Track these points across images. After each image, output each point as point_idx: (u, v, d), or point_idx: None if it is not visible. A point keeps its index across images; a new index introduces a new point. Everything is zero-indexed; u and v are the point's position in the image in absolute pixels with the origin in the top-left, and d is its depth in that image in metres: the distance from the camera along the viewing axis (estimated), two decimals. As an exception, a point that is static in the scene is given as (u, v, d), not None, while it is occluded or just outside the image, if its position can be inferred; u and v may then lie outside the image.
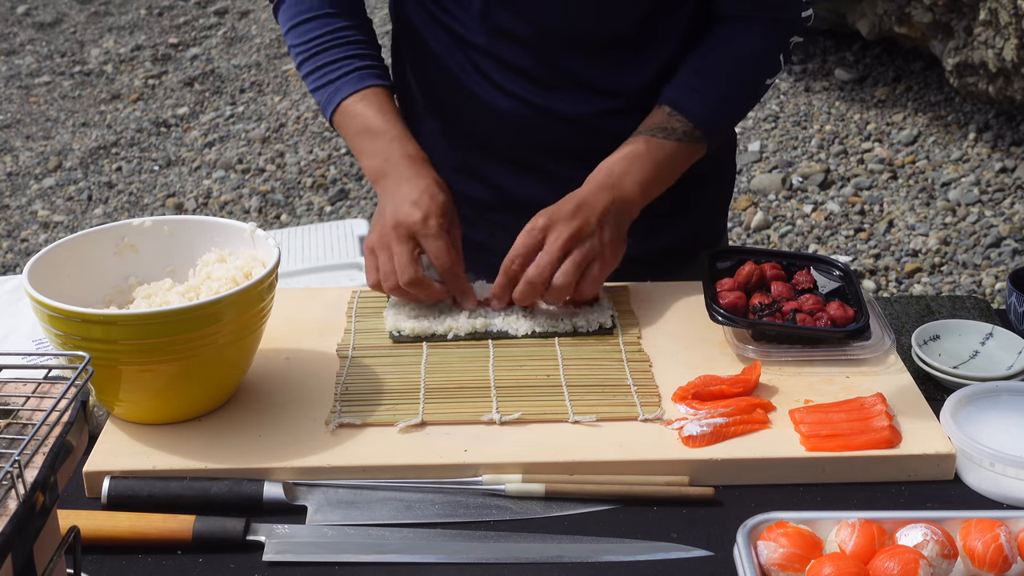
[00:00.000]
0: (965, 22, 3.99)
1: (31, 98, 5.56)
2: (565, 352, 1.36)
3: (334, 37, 1.53)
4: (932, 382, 1.33)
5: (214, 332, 1.17)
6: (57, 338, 1.16)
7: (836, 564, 0.99)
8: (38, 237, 4.31)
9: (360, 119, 1.49)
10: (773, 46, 1.50)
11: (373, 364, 1.34)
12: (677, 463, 1.17)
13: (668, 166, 1.48)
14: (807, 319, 1.35)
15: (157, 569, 1.07)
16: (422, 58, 1.60)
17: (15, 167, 4.87)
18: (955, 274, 3.66)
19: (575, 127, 1.54)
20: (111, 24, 6.37)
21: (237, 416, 1.24)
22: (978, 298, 1.55)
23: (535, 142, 1.56)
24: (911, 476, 1.18)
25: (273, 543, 1.09)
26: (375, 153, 1.47)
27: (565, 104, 1.53)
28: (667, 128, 1.47)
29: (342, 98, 1.50)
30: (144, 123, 5.16)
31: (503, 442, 1.20)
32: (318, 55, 1.53)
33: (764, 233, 3.96)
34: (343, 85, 1.51)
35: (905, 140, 4.41)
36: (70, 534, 0.88)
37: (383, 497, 1.15)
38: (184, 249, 1.34)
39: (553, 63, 1.51)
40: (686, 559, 1.08)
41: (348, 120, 1.51)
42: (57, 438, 0.82)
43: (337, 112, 1.51)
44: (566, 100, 1.53)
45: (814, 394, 1.28)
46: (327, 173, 4.58)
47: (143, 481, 1.14)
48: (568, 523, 1.13)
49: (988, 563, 1.02)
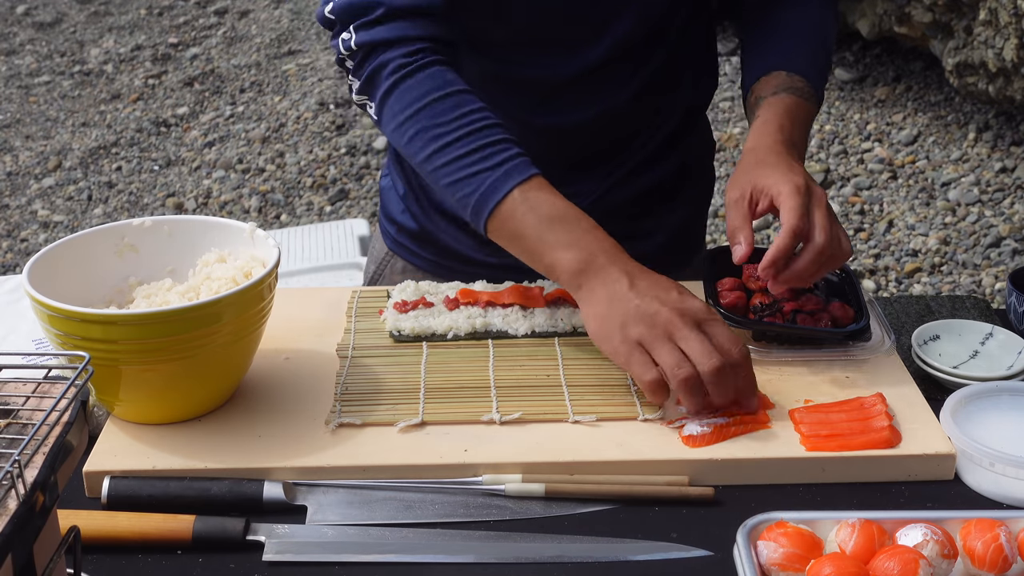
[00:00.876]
0: (965, 22, 4.00)
1: (31, 98, 5.56)
2: (565, 352, 1.36)
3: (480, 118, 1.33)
4: (932, 382, 1.33)
5: (214, 332, 1.17)
6: (57, 338, 1.16)
7: (836, 564, 0.99)
8: (38, 237, 4.31)
9: (547, 206, 1.29)
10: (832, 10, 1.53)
11: (373, 364, 1.34)
12: (677, 463, 1.17)
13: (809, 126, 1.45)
14: (807, 319, 1.35)
15: (157, 569, 1.07)
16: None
17: (15, 167, 4.87)
18: (955, 274, 3.66)
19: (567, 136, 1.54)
20: (111, 24, 6.37)
21: (237, 416, 1.24)
22: (978, 298, 1.55)
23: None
24: (911, 476, 1.18)
25: (273, 543, 1.09)
26: (573, 244, 1.28)
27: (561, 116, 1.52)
28: (795, 87, 1.44)
29: (514, 185, 1.29)
30: (144, 123, 5.16)
31: (503, 442, 1.20)
32: (465, 139, 1.31)
33: (764, 233, 3.96)
34: (512, 171, 1.30)
35: (905, 140, 4.41)
36: (70, 534, 0.88)
37: (383, 497, 1.15)
38: (184, 249, 1.34)
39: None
40: (686, 559, 1.08)
41: (528, 208, 1.29)
42: (57, 438, 0.82)
43: (507, 201, 1.29)
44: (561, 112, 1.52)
45: (814, 394, 1.28)
46: (327, 173, 4.58)
47: (143, 481, 1.14)
48: (568, 523, 1.13)
49: (988, 563, 1.02)
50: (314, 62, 5.64)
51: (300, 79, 5.43)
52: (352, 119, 5.01)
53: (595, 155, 1.57)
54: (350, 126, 4.96)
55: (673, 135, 1.60)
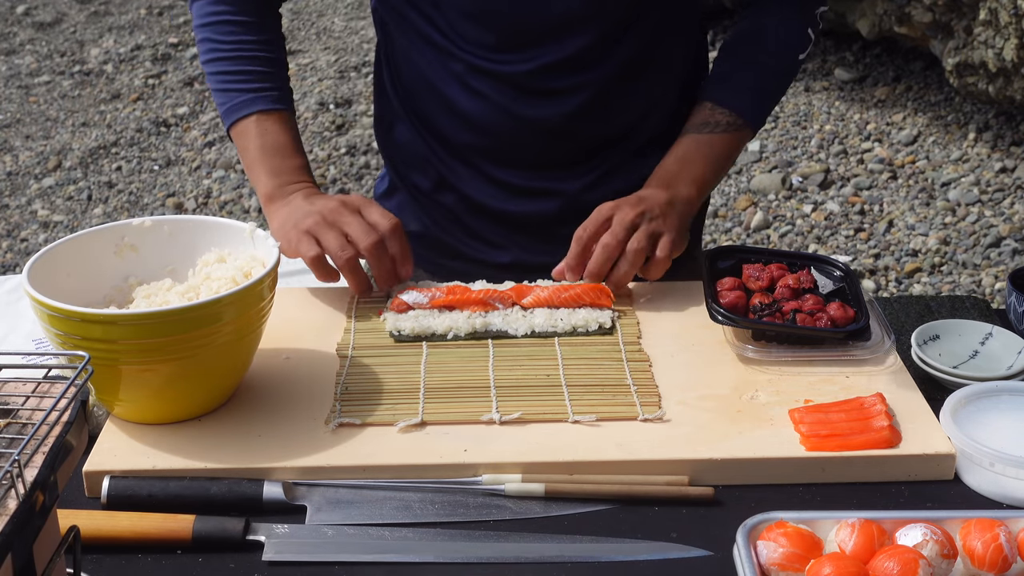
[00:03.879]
0: (965, 22, 3.99)
1: (31, 98, 5.56)
2: (565, 352, 1.36)
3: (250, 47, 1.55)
4: (932, 382, 1.33)
5: (214, 332, 1.17)
6: (57, 338, 1.16)
7: (836, 564, 0.99)
8: (38, 237, 4.31)
9: (271, 136, 1.52)
10: (799, 20, 1.57)
11: (373, 364, 1.34)
12: (677, 463, 1.17)
13: (719, 159, 1.55)
14: (807, 319, 1.35)
15: (157, 569, 1.07)
16: (398, 63, 1.62)
17: (15, 167, 4.87)
18: (955, 274, 3.66)
19: (548, 134, 1.56)
20: (111, 24, 6.37)
21: (237, 416, 1.24)
22: (978, 298, 1.55)
23: (508, 150, 1.58)
24: (911, 476, 1.18)
25: (273, 543, 1.09)
26: (275, 173, 1.51)
27: (537, 110, 1.55)
28: (711, 123, 1.53)
29: (253, 111, 1.53)
30: (144, 123, 5.16)
31: (503, 442, 1.20)
32: (230, 60, 1.55)
33: (764, 233, 3.96)
34: (257, 99, 1.53)
35: (905, 140, 4.41)
36: (70, 534, 0.88)
37: (383, 497, 1.15)
38: (184, 249, 1.34)
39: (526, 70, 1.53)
40: (686, 559, 1.08)
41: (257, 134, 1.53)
42: (57, 438, 0.82)
43: (247, 120, 1.53)
44: (538, 106, 1.55)
45: (814, 394, 1.28)
46: (327, 173, 4.58)
47: (143, 481, 1.14)
48: (568, 523, 1.13)
49: (988, 563, 1.02)
50: (314, 62, 5.65)
51: (300, 79, 5.43)
52: (352, 119, 5.01)
53: (580, 151, 1.60)
54: (350, 126, 4.96)
55: (660, 135, 1.61)
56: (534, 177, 1.60)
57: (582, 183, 1.60)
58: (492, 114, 1.55)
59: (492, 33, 1.51)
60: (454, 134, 1.60)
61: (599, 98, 1.55)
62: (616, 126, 1.59)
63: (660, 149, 1.59)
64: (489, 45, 1.51)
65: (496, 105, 1.54)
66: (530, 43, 1.51)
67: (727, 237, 3.96)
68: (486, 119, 1.56)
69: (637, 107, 1.59)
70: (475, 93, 1.55)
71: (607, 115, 1.57)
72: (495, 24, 1.50)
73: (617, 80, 1.55)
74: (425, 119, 1.61)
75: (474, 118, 1.56)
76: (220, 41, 1.55)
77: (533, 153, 1.59)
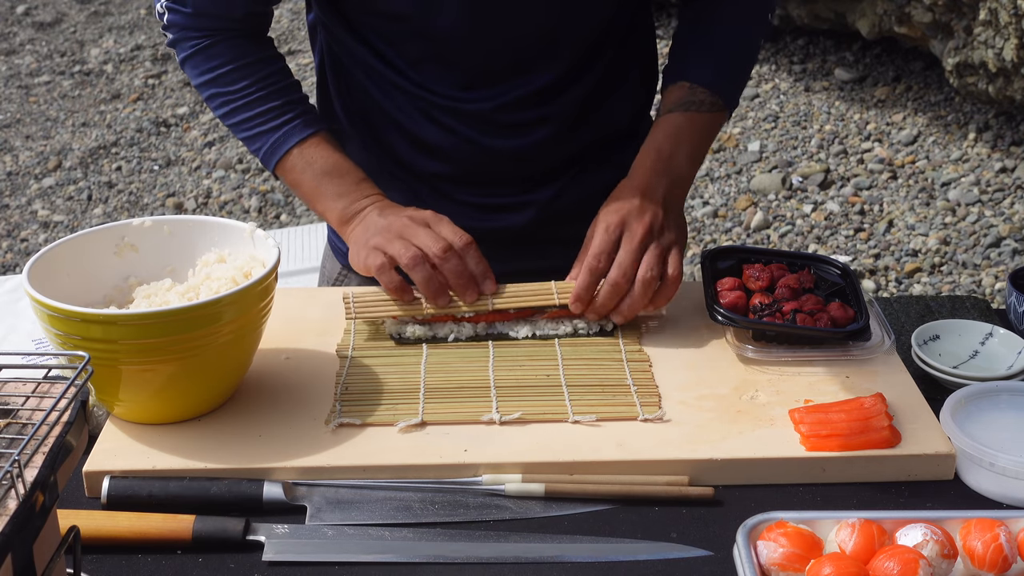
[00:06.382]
0: (965, 22, 4.00)
1: (31, 98, 5.56)
2: (565, 352, 1.36)
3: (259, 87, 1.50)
4: (932, 382, 1.33)
5: (214, 332, 1.17)
6: (57, 338, 1.16)
7: (836, 564, 0.99)
8: (38, 237, 4.31)
9: (321, 161, 1.47)
10: (757, 4, 1.56)
11: (373, 364, 1.34)
12: (677, 463, 1.17)
13: (706, 137, 1.52)
14: (807, 319, 1.35)
15: (157, 569, 1.07)
16: (349, 88, 1.59)
17: (15, 167, 4.87)
18: (955, 274, 3.66)
19: (518, 160, 1.55)
20: (111, 24, 6.37)
21: (237, 416, 1.24)
22: (978, 298, 1.55)
23: (477, 175, 1.57)
24: (911, 476, 1.18)
25: (273, 543, 1.09)
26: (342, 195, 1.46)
27: (506, 140, 1.53)
28: (695, 101, 1.50)
29: (292, 144, 1.48)
30: (144, 123, 5.16)
31: (503, 442, 1.20)
32: (245, 107, 1.50)
33: (764, 233, 3.96)
34: (290, 132, 1.48)
35: (905, 140, 4.41)
36: (70, 534, 0.88)
37: (383, 497, 1.15)
38: (184, 249, 1.34)
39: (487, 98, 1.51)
40: (686, 559, 1.08)
41: (305, 164, 1.48)
42: (57, 438, 0.82)
43: (289, 156, 1.48)
44: (507, 137, 1.53)
45: (814, 394, 1.28)
46: (327, 173, 4.58)
47: (143, 481, 1.14)
48: (568, 523, 1.13)
49: (988, 563, 1.02)
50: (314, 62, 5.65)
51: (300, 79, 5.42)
52: (352, 119, 5.00)
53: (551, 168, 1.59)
54: (350, 126, 4.96)
55: (627, 126, 1.62)
56: (505, 194, 1.58)
57: (554, 190, 1.59)
58: (459, 145, 1.53)
59: (454, 73, 1.49)
60: (419, 163, 1.57)
61: (567, 124, 1.54)
62: (586, 141, 1.58)
63: (628, 137, 1.58)
64: (453, 84, 1.50)
65: (464, 137, 1.52)
66: (495, 81, 1.49)
67: (727, 237, 3.96)
68: (453, 150, 1.54)
69: (606, 123, 1.58)
70: (441, 126, 1.52)
71: (576, 136, 1.56)
72: (457, 66, 1.49)
73: (584, 104, 1.54)
74: (387, 147, 1.58)
75: (441, 150, 1.54)
76: (227, 92, 1.50)
77: (503, 176, 1.57)
